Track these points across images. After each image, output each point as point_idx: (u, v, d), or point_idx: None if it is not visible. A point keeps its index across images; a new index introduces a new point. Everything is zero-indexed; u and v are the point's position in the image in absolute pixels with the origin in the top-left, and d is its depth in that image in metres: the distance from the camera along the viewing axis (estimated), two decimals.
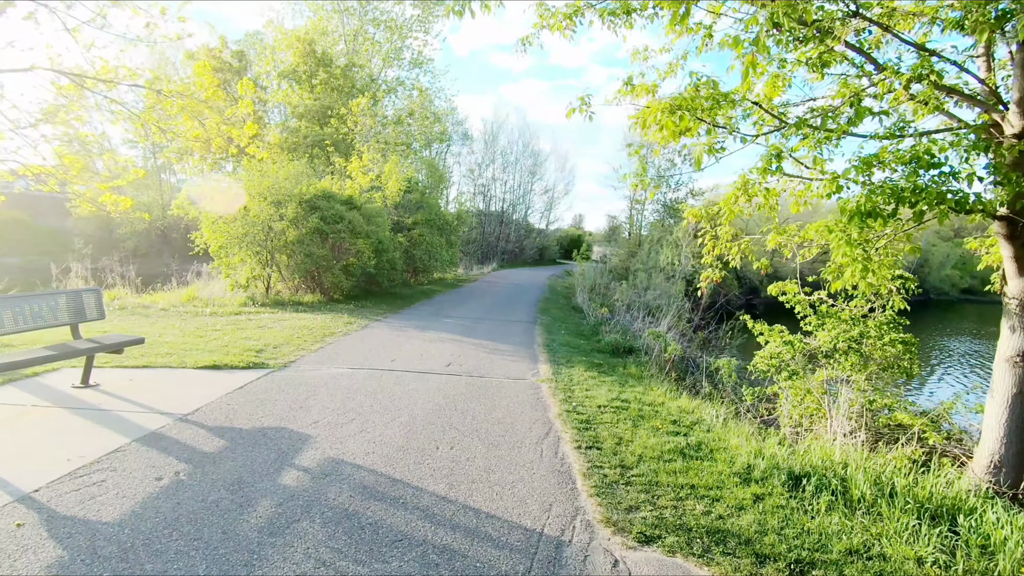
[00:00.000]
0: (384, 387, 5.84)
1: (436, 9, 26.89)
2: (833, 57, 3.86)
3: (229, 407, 4.86)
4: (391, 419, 4.81)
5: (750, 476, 4.00)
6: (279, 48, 23.12)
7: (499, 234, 44.09)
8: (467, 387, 6.08)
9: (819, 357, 4.97)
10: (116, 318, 9.39)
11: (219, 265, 13.00)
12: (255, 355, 6.91)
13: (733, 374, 6.70)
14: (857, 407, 4.76)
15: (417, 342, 8.62)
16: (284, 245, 12.99)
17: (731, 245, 6.05)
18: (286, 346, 7.68)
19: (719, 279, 6.27)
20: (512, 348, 8.73)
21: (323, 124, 20.88)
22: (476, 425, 4.80)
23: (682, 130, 3.42)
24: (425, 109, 25.88)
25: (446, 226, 21.71)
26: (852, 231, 3.17)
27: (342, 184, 15.94)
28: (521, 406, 5.51)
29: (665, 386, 6.93)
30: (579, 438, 4.64)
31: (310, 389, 5.59)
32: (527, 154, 47.00)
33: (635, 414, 5.48)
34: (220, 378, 5.81)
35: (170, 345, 7.19)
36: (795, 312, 5.39)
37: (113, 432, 4.09)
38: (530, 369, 7.29)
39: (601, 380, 6.93)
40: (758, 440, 4.85)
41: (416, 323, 10.74)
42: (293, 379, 5.95)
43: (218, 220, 12.47)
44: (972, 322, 31.25)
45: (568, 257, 55.11)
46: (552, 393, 6.10)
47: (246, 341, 7.79)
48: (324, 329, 9.21)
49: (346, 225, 13.09)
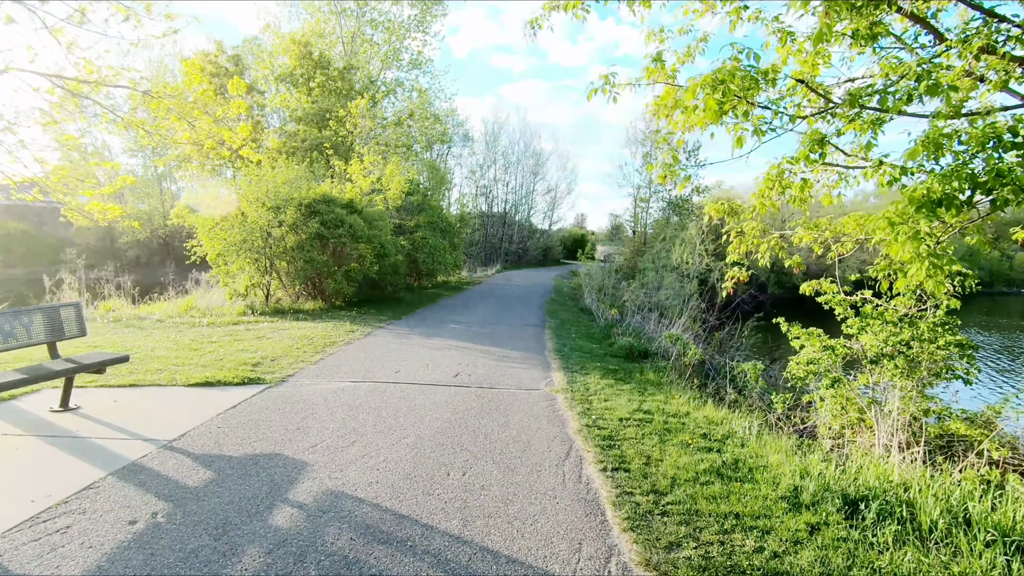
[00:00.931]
0: (388, 402, 5.43)
1: (434, 8, 26.55)
2: (884, 28, 3.44)
3: (220, 430, 4.45)
4: (396, 440, 4.39)
5: (799, 500, 3.57)
6: (277, 52, 22.80)
7: (502, 235, 43.69)
8: (477, 400, 5.66)
9: (863, 363, 4.53)
10: (109, 331, 9.02)
11: (217, 273, 12.64)
12: (251, 369, 6.51)
13: (760, 379, 6.26)
14: (907, 417, 4.32)
15: (422, 350, 8.21)
16: (283, 251, 12.61)
17: (758, 242, 5.62)
18: (284, 358, 7.28)
19: (745, 278, 5.84)
20: (522, 355, 8.31)
21: (322, 127, 20.52)
22: (489, 445, 4.38)
23: (726, 110, 3.00)
24: (425, 110, 25.51)
25: (449, 228, 21.33)
26: (921, 223, 2.77)
27: (342, 187, 15.56)
28: (537, 421, 5.08)
29: (687, 394, 6.49)
30: (603, 458, 4.21)
31: (308, 407, 5.18)
32: (529, 154, 46.65)
33: (660, 427, 5.05)
34: (212, 397, 5.40)
35: (162, 360, 6.80)
36: (835, 314, 4.96)
37: (88, 464, 3.68)
38: (543, 378, 6.86)
39: (619, 388, 6.50)
40: (800, 456, 4.41)
41: (421, 329, 10.33)
42: (290, 396, 5.55)
43: (215, 227, 12.11)
44: (982, 315, 30.63)
45: (572, 257, 54.71)
46: (568, 405, 5.67)
47: (242, 354, 7.39)
48: (325, 338, 8.81)
49: (347, 229, 12.70)
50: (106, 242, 38.07)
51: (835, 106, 3.50)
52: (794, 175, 4.44)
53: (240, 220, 12.04)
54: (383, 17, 25.23)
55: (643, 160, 34.89)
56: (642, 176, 35.43)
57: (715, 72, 2.96)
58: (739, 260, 5.76)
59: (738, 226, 5.72)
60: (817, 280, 5.26)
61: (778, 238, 5.36)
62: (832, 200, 5.25)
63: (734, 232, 5.70)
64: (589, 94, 3.85)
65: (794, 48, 3.75)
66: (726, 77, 2.91)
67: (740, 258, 5.79)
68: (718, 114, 2.98)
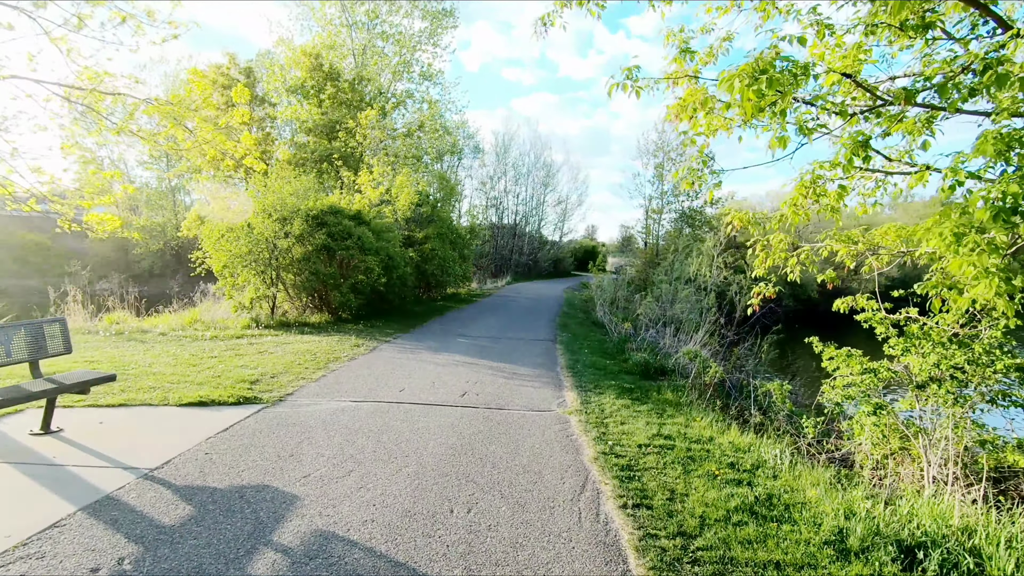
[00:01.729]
0: (390, 425, 5.08)
1: (444, 21, 26.56)
2: (937, 16, 3.09)
3: (207, 457, 4.13)
4: (396, 469, 4.04)
5: (846, 546, 3.16)
6: (289, 65, 22.85)
7: (512, 247, 43.45)
8: (485, 423, 5.30)
9: (909, 388, 4.12)
10: (110, 345, 8.79)
11: (223, 285, 12.44)
12: (248, 387, 6.21)
13: (788, 401, 5.84)
14: (959, 448, 3.89)
15: (429, 367, 7.87)
16: (290, 263, 12.39)
17: (785, 255, 5.24)
18: (285, 375, 6.97)
19: (773, 294, 5.45)
20: (533, 372, 7.94)
21: (332, 139, 20.44)
22: (497, 475, 4.02)
23: (763, 105, 2.67)
24: (435, 121, 25.42)
25: (459, 239, 21.08)
26: (998, 234, 2.40)
27: (351, 199, 15.38)
28: (549, 447, 4.71)
29: (709, 416, 6.08)
30: (623, 492, 3.82)
31: (305, 430, 4.85)
32: (539, 165, 46.52)
33: (683, 455, 4.66)
34: (204, 418, 5.09)
35: (157, 377, 6.52)
36: (875, 333, 4.56)
37: (59, 497, 3.37)
38: (555, 397, 6.49)
39: (636, 410, 6.11)
40: (840, 490, 3.99)
41: (428, 344, 10.00)
42: (287, 417, 5.22)
43: (221, 239, 11.92)
44: None
45: (582, 269, 54.25)
46: (583, 428, 5.30)
47: (242, 370, 7.10)
48: (329, 353, 8.51)
49: (355, 241, 12.46)
50: (120, 253, 38.35)
51: (885, 103, 3.15)
52: (829, 182, 4.08)
53: (246, 231, 11.84)
54: (394, 30, 25.27)
55: (655, 171, 34.57)
56: (654, 187, 35.05)
57: (755, 61, 2.62)
58: (765, 275, 5.39)
59: (764, 238, 5.35)
60: (852, 296, 4.86)
61: (809, 251, 4.97)
62: (867, 210, 4.88)
63: (760, 245, 5.33)
64: (610, 88, 3.53)
65: (831, 43, 3.41)
66: (767, 66, 2.57)
67: (766, 273, 5.43)
68: (756, 110, 2.64)
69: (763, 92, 2.47)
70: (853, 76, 3.09)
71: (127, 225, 34.61)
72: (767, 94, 2.46)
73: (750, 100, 2.51)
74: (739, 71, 2.56)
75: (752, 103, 2.57)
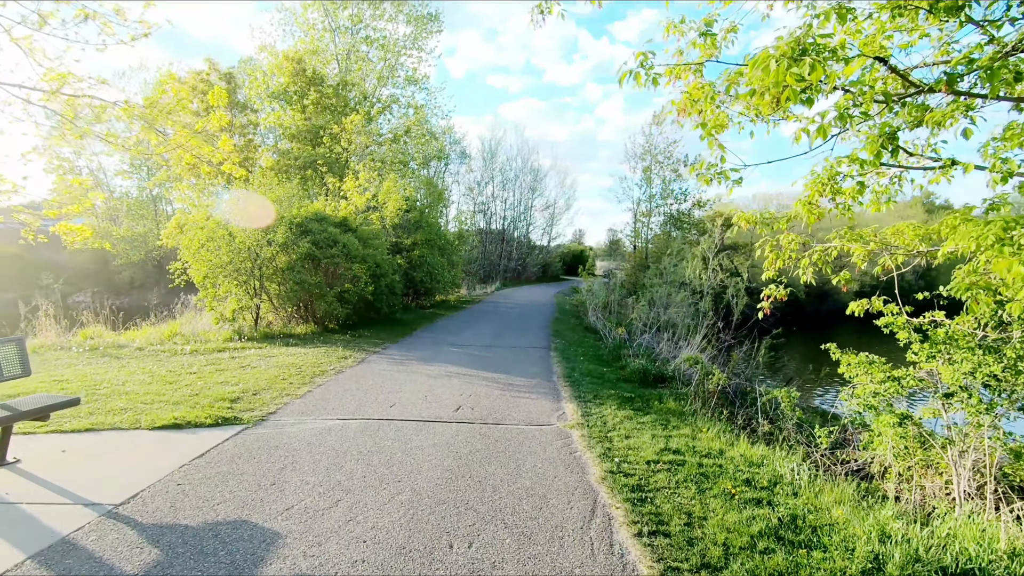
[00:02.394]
0: (381, 445, 4.74)
1: (429, 26, 26.30)
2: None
3: (179, 489, 3.76)
4: (388, 497, 3.70)
5: (885, 575, 2.88)
6: (272, 71, 22.37)
7: (501, 252, 43.17)
8: (482, 440, 4.97)
9: (937, 396, 3.87)
10: (82, 362, 8.33)
11: (204, 296, 11.97)
12: (228, 406, 5.82)
13: (797, 410, 5.59)
14: (994, 460, 3.65)
15: (420, 378, 7.52)
16: (274, 272, 11.97)
17: (796, 255, 5.00)
18: (268, 391, 6.59)
19: (784, 296, 5.20)
20: (529, 382, 7.62)
21: (316, 145, 20.03)
22: (498, 501, 3.69)
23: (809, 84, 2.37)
24: (421, 126, 25.10)
25: (447, 246, 20.74)
26: None
27: (336, 205, 14.99)
28: (552, 466, 4.40)
29: (716, 426, 5.81)
30: (636, 516, 3.52)
31: (288, 454, 4.49)
32: (526, 170, 46.37)
33: (695, 471, 4.37)
34: (179, 442, 4.71)
35: (130, 397, 6.10)
36: (896, 338, 4.31)
37: (7, 543, 2.99)
38: (554, 409, 6.18)
39: (639, 421, 5.82)
40: (866, 508, 3.73)
41: (419, 354, 9.65)
42: (269, 439, 4.85)
43: (201, 248, 11.47)
44: None
45: (571, 273, 54.11)
46: (586, 444, 4.99)
47: (222, 387, 6.71)
48: (315, 366, 8.13)
49: (340, 249, 12.08)
50: (100, 264, 37.40)
51: (918, 91, 2.90)
52: (848, 177, 3.83)
53: (228, 240, 11.41)
54: (378, 34, 24.94)
55: (643, 174, 34.56)
56: (642, 190, 35.06)
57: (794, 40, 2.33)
58: (775, 276, 5.14)
59: (773, 238, 5.11)
60: (866, 299, 4.61)
61: (823, 251, 4.73)
62: (880, 207, 4.64)
63: (769, 245, 5.09)
64: (621, 76, 3.25)
65: (852, 27, 3.16)
66: (809, 46, 2.29)
67: (776, 274, 5.18)
68: (796, 94, 2.35)
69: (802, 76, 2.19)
70: (886, 60, 2.84)
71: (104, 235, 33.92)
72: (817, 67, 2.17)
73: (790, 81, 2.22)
74: (779, 50, 2.27)
75: (792, 86, 2.28)
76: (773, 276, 5.08)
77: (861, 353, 4.62)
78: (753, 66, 2.25)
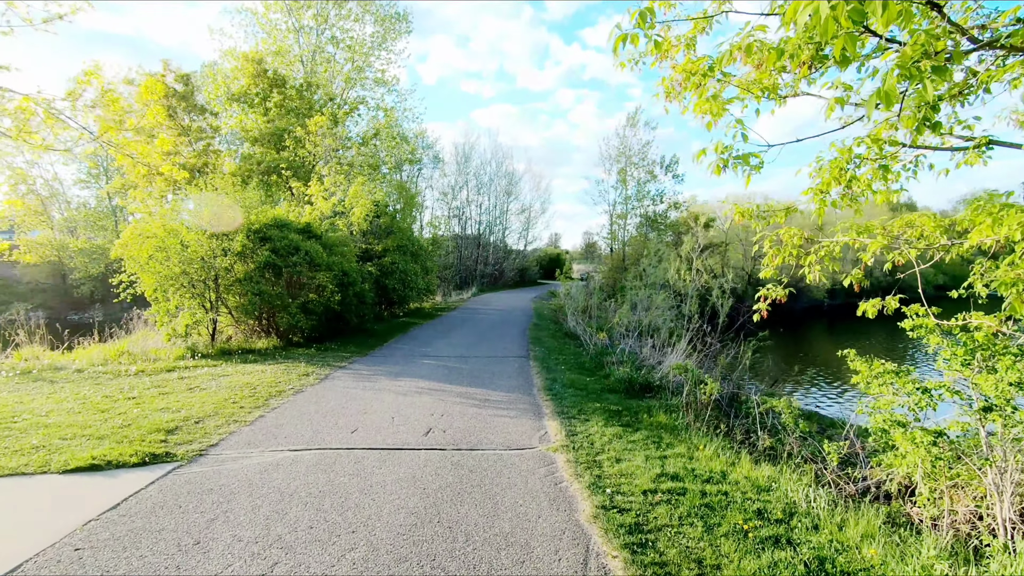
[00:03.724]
0: (336, 484, 4.07)
1: (397, 26, 25.61)
2: None
3: (76, 557, 3.04)
4: (338, 556, 3.05)
5: None
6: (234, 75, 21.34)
7: (477, 257, 42.51)
8: (454, 471, 4.34)
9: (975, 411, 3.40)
10: (7, 388, 7.42)
11: (156, 311, 11.03)
12: (163, 439, 5.07)
13: (801, 423, 5.10)
14: None
15: (388, 396, 6.85)
16: (232, 284, 11.13)
17: (797, 252, 4.52)
18: (213, 418, 5.84)
19: (784, 297, 4.71)
20: (507, 396, 7.01)
21: (280, 149, 19.13)
22: (472, 555, 3.07)
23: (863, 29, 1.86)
24: (391, 129, 24.34)
25: (420, 251, 20.00)
26: None
27: (300, 211, 14.17)
28: (535, 502, 3.79)
29: (712, 442, 5.29)
30: (637, 568, 2.94)
31: (223, 499, 3.79)
32: (501, 174, 45.81)
33: (698, 501, 3.82)
34: (92, 489, 3.96)
35: (49, 430, 5.30)
36: (921, 342, 3.85)
37: None
38: (535, 429, 5.59)
39: (629, 440, 5.27)
40: (899, 544, 3.21)
41: (388, 368, 8.95)
42: (203, 480, 4.14)
43: (150, 259, 10.55)
44: None
45: (549, 277, 53.71)
46: (573, 471, 4.40)
47: (161, 414, 5.94)
48: (272, 386, 7.38)
49: (303, 256, 11.29)
50: (56, 279, 35.53)
51: (977, 46, 2.40)
52: (864, 162, 3.34)
53: (179, 250, 10.54)
54: (344, 35, 24.13)
55: (618, 176, 34.30)
56: (618, 192, 34.82)
57: None
58: (775, 275, 4.66)
59: (772, 233, 4.63)
60: (878, 299, 4.13)
61: (829, 247, 4.25)
62: (889, 197, 4.18)
63: (768, 241, 4.60)
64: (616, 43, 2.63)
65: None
66: None
67: (775, 272, 4.70)
68: (852, 45, 1.80)
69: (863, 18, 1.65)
70: (940, 6, 2.34)
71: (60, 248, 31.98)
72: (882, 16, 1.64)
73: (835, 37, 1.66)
74: None
75: (844, 37, 1.72)
76: (771, 275, 4.59)
77: (882, 361, 4.13)
78: (795, 10, 1.69)
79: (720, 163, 3.10)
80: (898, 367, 3.89)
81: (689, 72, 3.15)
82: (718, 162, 3.10)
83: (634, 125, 31.74)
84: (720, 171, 3.13)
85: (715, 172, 3.12)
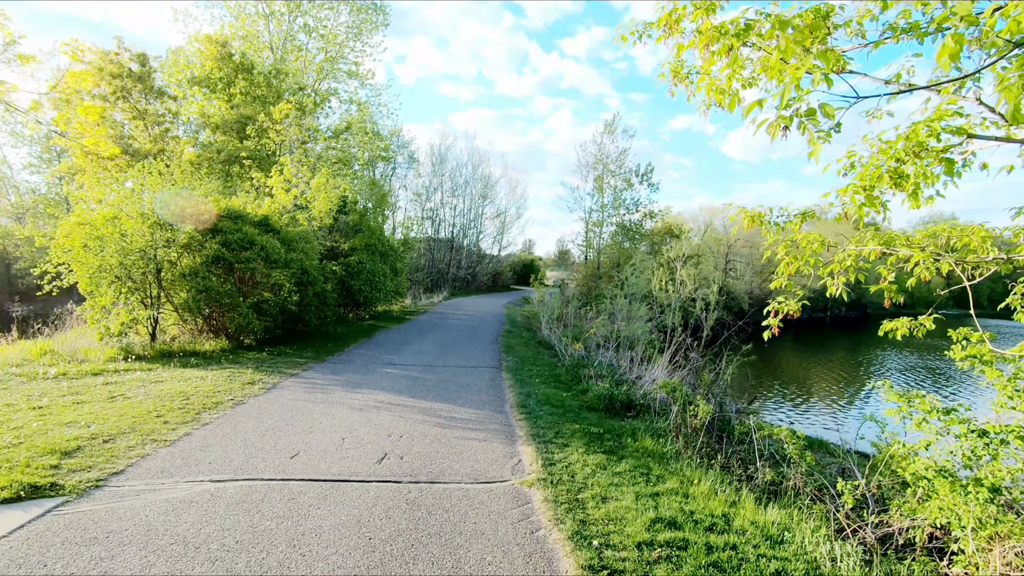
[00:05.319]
0: (259, 531, 3.26)
1: (374, 18, 24.71)
2: None
3: None
4: None
5: None
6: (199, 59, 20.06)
7: (449, 260, 41.60)
8: (409, 515, 3.57)
9: None
10: None
11: (89, 306, 9.90)
12: (55, 463, 4.16)
13: (808, 455, 4.51)
14: None
15: (341, 412, 6.03)
16: (176, 279, 10.10)
17: (815, 260, 3.95)
18: (128, 435, 4.94)
19: (798, 311, 4.12)
20: (476, 414, 6.27)
21: (243, 137, 18.00)
22: None
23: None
24: (364, 124, 23.37)
25: (391, 252, 19.10)
26: None
27: (259, 203, 13.17)
28: (507, 560, 3.06)
29: (708, 476, 4.66)
30: None
31: (105, 554, 2.94)
32: (477, 178, 45.02)
33: (703, 559, 3.15)
34: None
35: None
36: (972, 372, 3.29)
37: None
38: (507, 455, 4.86)
39: (615, 472, 4.59)
40: None
41: (346, 377, 8.10)
42: (87, 526, 3.27)
43: (84, 248, 9.45)
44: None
45: (522, 282, 53.05)
46: (552, 515, 3.68)
47: (66, 429, 5.00)
48: (209, 396, 6.47)
49: (257, 252, 10.33)
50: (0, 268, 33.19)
51: None
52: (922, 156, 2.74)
53: (117, 239, 9.47)
54: (318, 23, 23.12)
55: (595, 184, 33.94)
56: (594, 199, 34.45)
57: None
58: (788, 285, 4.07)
59: (787, 239, 4.04)
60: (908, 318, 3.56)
61: (856, 255, 3.66)
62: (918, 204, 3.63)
63: (783, 246, 4.01)
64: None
65: None
66: None
67: (787, 282, 4.11)
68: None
69: None
70: None
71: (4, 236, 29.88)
72: None
73: None
74: None
75: None
76: (783, 284, 4.00)
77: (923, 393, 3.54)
78: None
79: (781, 121, 2.42)
80: (949, 408, 3.29)
81: (719, 33, 2.50)
82: (778, 120, 2.42)
83: (612, 132, 31.44)
84: (777, 133, 2.46)
85: (771, 134, 2.46)
